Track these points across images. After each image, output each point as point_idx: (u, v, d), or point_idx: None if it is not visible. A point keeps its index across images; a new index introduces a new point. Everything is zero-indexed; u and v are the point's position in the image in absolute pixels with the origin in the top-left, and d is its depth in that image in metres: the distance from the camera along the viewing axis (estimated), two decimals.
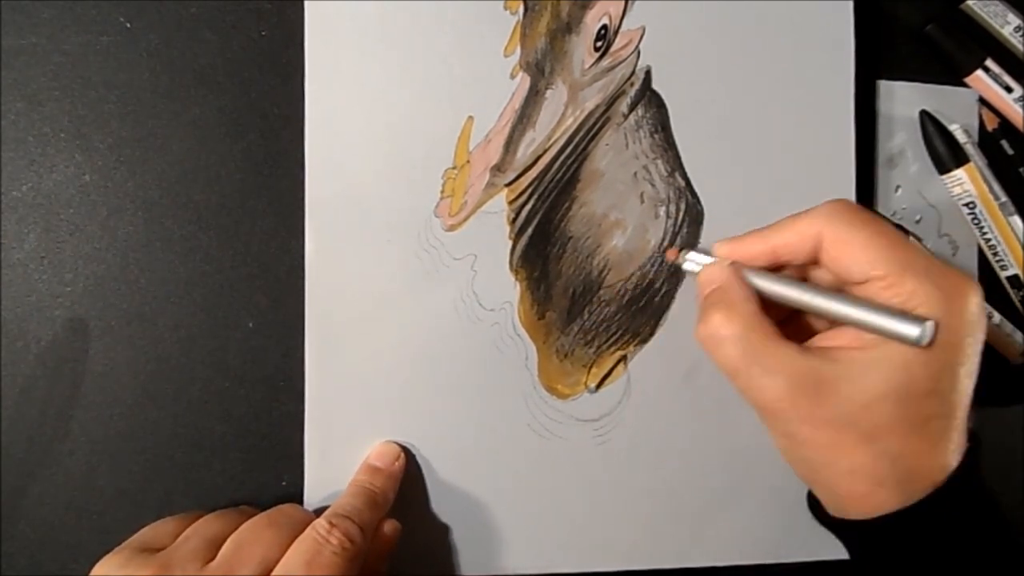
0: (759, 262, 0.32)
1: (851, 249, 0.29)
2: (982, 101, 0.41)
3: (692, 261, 0.35)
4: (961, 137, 0.39)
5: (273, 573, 0.30)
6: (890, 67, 0.41)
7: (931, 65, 0.41)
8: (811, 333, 0.33)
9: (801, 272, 0.33)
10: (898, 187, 0.40)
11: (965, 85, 0.41)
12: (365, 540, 0.32)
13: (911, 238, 0.34)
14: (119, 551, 0.31)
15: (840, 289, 0.31)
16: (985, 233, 0.40)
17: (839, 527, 0.31)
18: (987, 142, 0.41)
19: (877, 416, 0.28)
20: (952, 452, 0.28)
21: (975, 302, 0.28)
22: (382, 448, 0.36)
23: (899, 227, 0.37)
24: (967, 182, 0.39)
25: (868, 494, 0.28)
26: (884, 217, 0.31)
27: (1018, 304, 0.40)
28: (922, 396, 0.28)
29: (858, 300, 0.29)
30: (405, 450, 0.36)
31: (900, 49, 0.41)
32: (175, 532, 0.32)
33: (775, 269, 0.33)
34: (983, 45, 0.40)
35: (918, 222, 0.40)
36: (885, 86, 0.40)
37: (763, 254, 0.32)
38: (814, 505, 0.34)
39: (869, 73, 0.40)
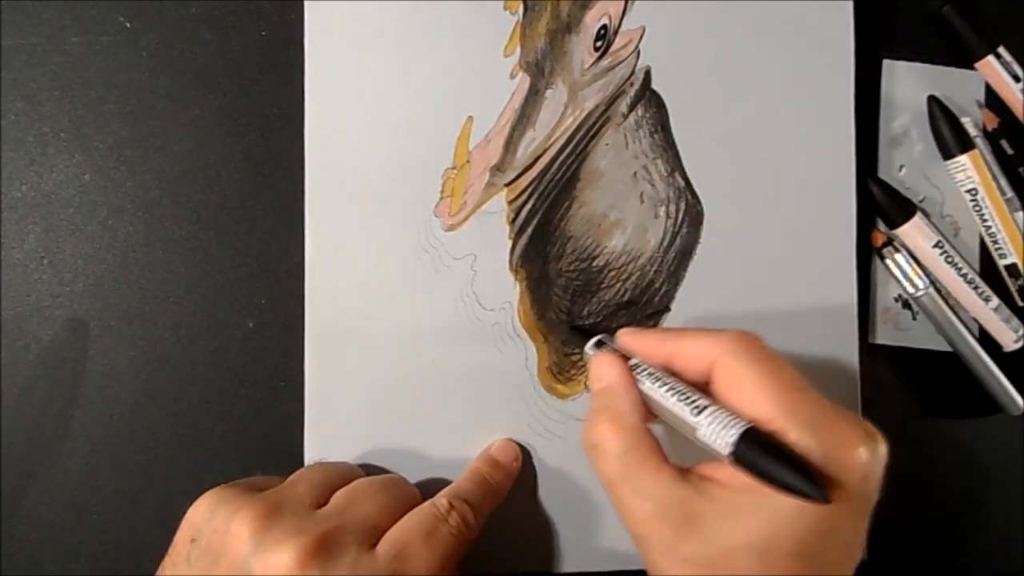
0: (654, 362, 0.30)
1: (741, 386, 0.27)
2: (985, 95, 0.41)
3: (592, 346, 0.33)
4: (971, 130, 0.40)
5: (389, 535, 0.29)
6: (900, 46, 0.40)
7: (942, 47, 0.41)
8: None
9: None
10: (902, 166, 0.40)
11: (974, 70, 0.41)
12: (477, 528, 0.32)
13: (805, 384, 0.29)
14: (226, 486, 0.30)
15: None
16: (986, 221, 0.40)
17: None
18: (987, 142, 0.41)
19: (736, 565, 0.26)
20: None
21: (861, 460, 0.26)
22: (503, 444, 0.36)
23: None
24: (971, 169, 0.39)
25: None
26: (788, 363, 0.28)
27: (1015, 293, 0.40)
28: (784, 556, 0.25)
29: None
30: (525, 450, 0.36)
31: (913, 29, 0.41)
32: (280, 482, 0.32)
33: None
34: (997, 32, 0.40)
35: (921, 202, 0.40)
36: (890, 65, 0.40)
37: (658, 357, 0.30)
38: None
39: (876, 52, 0.40)
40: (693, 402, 0.28)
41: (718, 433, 0.26)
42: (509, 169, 0.37)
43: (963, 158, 0.40)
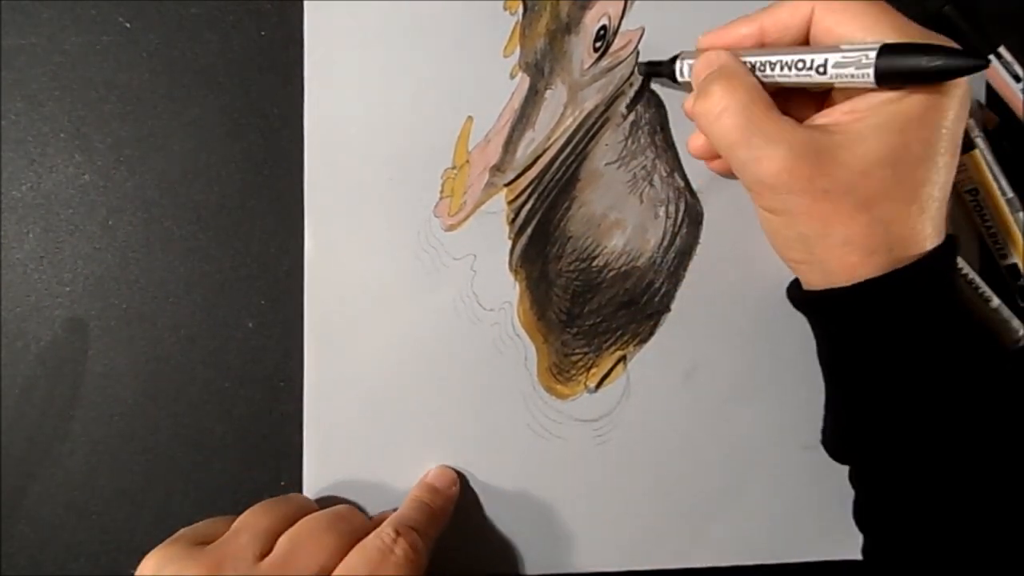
0: (747, 44, 0.32)
1: (845, 17, 0.29)
2: (986, 95, 0.41)
3: (686, 64, 0.34)
4: (972, 130, 0.40)
5: (335, 574, 0.29)
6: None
7: None
8: (801, 118, 0.32)
9: None
10: None
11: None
12: (427, 554, 0.32)
13: None
14: (172, 542, 0.30)
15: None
16: (986, 221, 0.40)
17: (818, 301, 0.32)
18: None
19: (874, 182, 0.28)
20: (937, 225, 0.29)
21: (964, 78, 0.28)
22: (439, 471, 0.36)
23: None
24: (971, 169, 0.39)
25: (860, 263, 0.29)
26: None
27: (1016, 293, 0.40)
28: (916, 161, 0.28)
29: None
30: (460, 472, 0.36)
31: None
32: (229, 526, 0.31)
33: None
34: (997, 32, 0.40)
35: None
36: None
37: (751, 36, 0.32)
38: (792, 289, 0.34)
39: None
40: (813, 51, 0.29)
41: (853, 60, 0.28)
42: (509, 169, 0.37)
43: (963, 158, 0.40)
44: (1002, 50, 0.40)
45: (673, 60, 0.35)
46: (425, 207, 0.36)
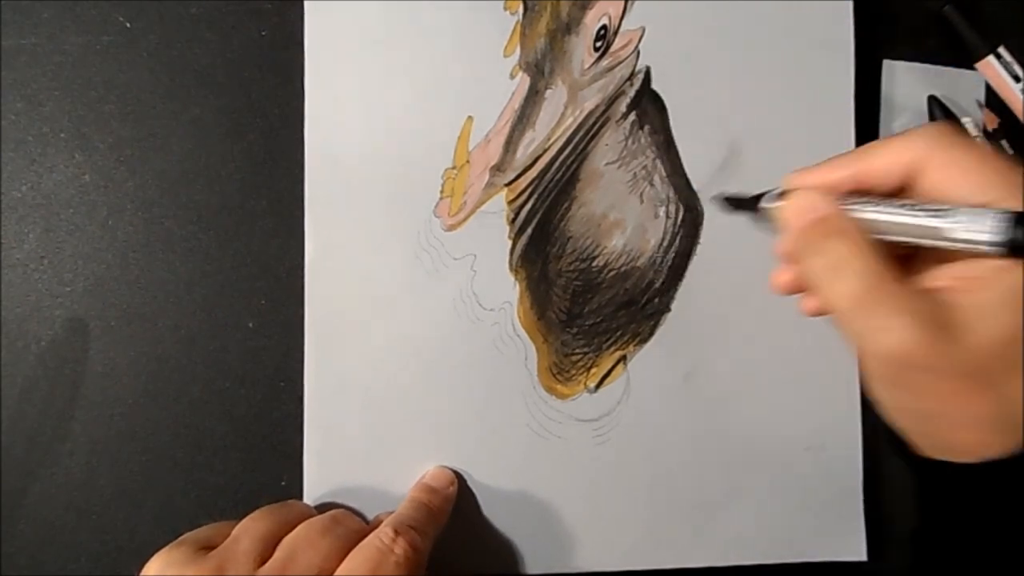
0: (839, 191, 0.28)
1: (957, 172, 0.26)
2: (985, 95, 0.41)
3: (771, 204, 0.30)
4: (972, 130, 0.40)
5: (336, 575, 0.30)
6: (900, 46, 0.40)
7: (942, 47, 0.41)
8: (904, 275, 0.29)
9: None
10: None
11: (974, 70, 0.41)
12: (426, 553, 0.32)
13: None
14: (175, 546, 0.30)
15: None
16: None
17: (936, 468, 0.29)
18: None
19: (1005, 360, 0.25)
20: None
21: None
22: (437, 471, 0.36)
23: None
24: None
25: (988, 443, 0.26)
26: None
27: None
28: None
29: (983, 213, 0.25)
30: (458, 474, 0.36)
31: (913, 29, 0.41)
32: (231, 531, 0.32)
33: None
34: (997, 32, 0.40)
35: None
36: (890, 65, 0.40)
37: (844, 181, 0.28)
38: (896, 441, 0.30)
39: (876, 52, 0.40)
40: (924, 209, 0.26)
41: (977, 227, 0.25)
42: (509, 169, 0.37)
43: None
44: (1001, 50, 0.40)
45: (758, 198, 0.31)
46: (425, 207, 0.36)
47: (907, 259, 0.28)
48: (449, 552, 0.36)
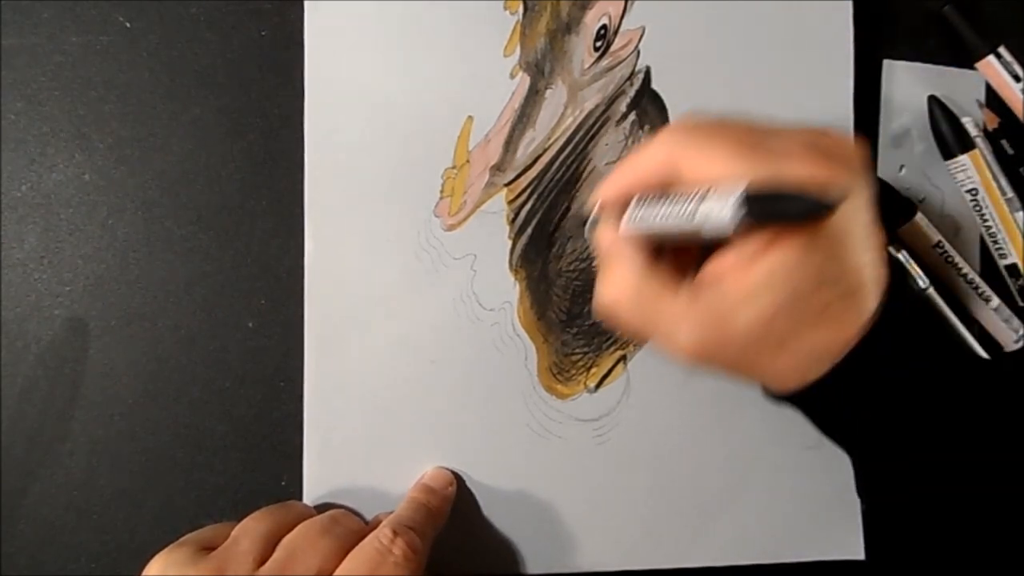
0: (628, 197, 0.30)
1: (712, 166, 0.27)
2: (985, 95, 0.41)
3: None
4: (972, 130, 0.40)
5: None
6: (900, 46, 0.41)
7: (942, 47, 0.41)
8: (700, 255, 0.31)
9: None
10: (902, 166, 0.40)
11: (974, 70, 0.41)
12: (425, 553, 0.32)
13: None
14: (176, 547, 0.31)
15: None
16: (986, 221, 0.40)
17: (796, 399, 0.31)
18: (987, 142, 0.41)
19: (781, 326, 0.28)
20: (863, 312, 0.28)
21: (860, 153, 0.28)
22: (436, 472, 0.36)
23: None
24: (971, 169, 0.40)
25: (799, 379, 0.29)
26: (737, 118, 0.29)
27: (1015, 293, 0.40)
28: (812, 292, 0.27)
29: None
30: (456, 474, 0.36)
31: (913, 29, 0.41)
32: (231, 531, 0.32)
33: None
34: (997, 32, 0.40)
35: (921, 202, 0.40)
36: (890, 65, 0.40)
37: (631, 187, 0.30)
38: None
39: (876, 52, 0.40)
40: (675, 199, 0.27)
41: (718, 209, 0.26)
42: (509, 169, 0.37)
43: (963, 158, 0.40)
44: (1001, 50, 0.40)
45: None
46: (425, 207, 0.36)
47: (703, 248, 0.31)
48: (449, 552, 0.36)
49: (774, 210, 0.25)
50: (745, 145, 0.27)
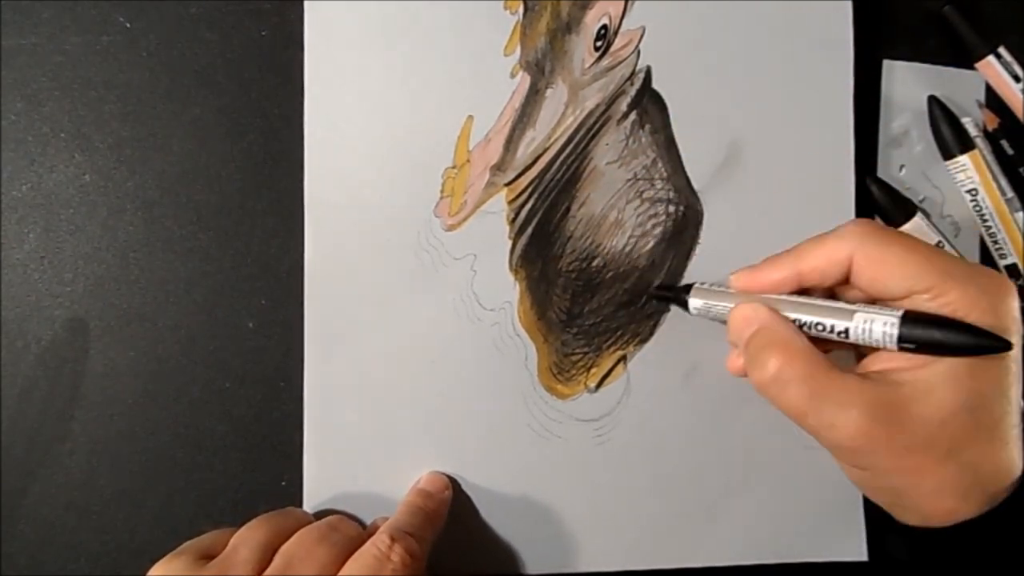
0: (783, 290, 0.31)
1: (888, 267, 0.28)
2: (985, 95, 0.41)
3: (703, 300, 0.34)
4: (972, 130, 0.40)
5: None
6: (900, 46, 0.41)
7: (942, 47, 0.41)
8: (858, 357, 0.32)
9: (828, 293, 0.32)
10: (902, 167, 0.40)
11: (974, 70, 0.41)
12: (424, 558, 0.32)
13: (941, 244, 0.34)
14: (176, 555, 0.31)
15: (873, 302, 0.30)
16: (986, 221, 0.40)
17: (914, 534, 0.31)
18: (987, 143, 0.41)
19: (954, 430, 0.27)
20: (1020, 448, 0.28)
21: (1016, 300, 0.28)
22: (431, 476, 0.36)
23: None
24: (971, 169, 0.40)
25: (957, 508, 0.28)
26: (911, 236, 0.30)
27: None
28: (991, 402, 0.27)
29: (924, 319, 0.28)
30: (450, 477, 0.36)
31: (913, 29, 0.41)
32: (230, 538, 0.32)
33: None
34: (997, 32, 0.40)
35: (921, 202, 0.40)
36: (890, 65, 0.40)
37: (787, 281, 0.31)
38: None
39: (876, 52, 0.40)
40: (840, 311, 0.29)
41: (878, 327, 0.28)
42: (509, 169, 0.37)
43: (963, 158, 0.40)
44: (1001, 50, 0.40)
45: (686, 290, 0.35)
46: (425, 207, 0.36)
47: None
48: (449, 553, 0.36)
49: (932, 338, 0.27)
50: (931, 257, 0.28)
